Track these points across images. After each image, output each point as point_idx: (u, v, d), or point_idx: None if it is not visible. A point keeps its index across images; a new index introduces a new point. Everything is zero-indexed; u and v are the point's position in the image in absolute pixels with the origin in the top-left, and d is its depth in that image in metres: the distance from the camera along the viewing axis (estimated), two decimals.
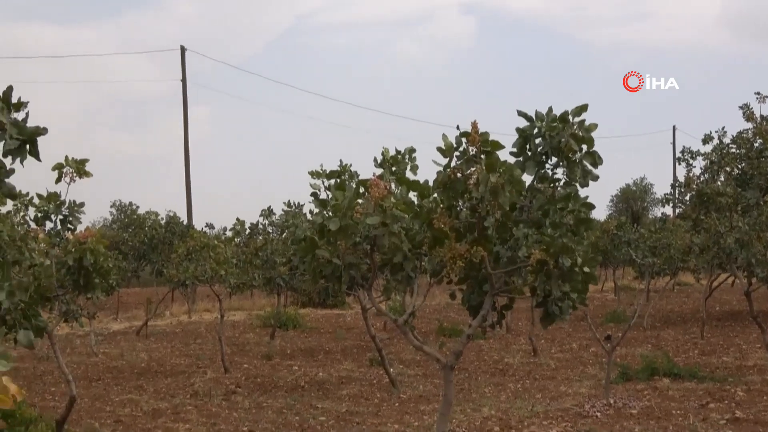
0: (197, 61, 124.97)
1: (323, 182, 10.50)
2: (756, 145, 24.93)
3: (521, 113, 7.10)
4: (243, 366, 17.44)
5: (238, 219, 21.03)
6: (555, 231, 7.04)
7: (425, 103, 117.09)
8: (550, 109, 7.10)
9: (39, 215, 11.45)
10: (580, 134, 6.97)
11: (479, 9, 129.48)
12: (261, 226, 23.13)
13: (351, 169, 10.80)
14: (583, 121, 7.03)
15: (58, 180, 10.13)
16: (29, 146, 5.31)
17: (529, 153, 7.11)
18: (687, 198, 25.38)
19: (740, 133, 25.51)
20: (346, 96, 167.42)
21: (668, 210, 36.33)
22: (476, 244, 7.00)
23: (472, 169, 6.67)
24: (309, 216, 16.89)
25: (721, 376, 14.07)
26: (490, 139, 6.69)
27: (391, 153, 10.90)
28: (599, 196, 60.97)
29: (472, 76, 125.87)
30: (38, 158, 5.45)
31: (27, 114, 5.33)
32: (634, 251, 24.39)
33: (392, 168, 10.39)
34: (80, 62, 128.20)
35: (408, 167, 10.68)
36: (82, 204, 11.44)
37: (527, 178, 7.07)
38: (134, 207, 33.85)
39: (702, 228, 22.13)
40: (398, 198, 7.65)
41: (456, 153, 6.78)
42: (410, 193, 8.12)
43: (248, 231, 22.44)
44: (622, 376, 14.18)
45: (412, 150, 10.94)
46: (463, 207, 7.07)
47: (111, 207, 35.42)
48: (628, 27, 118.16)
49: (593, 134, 7.06)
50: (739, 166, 24.74)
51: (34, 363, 17.77)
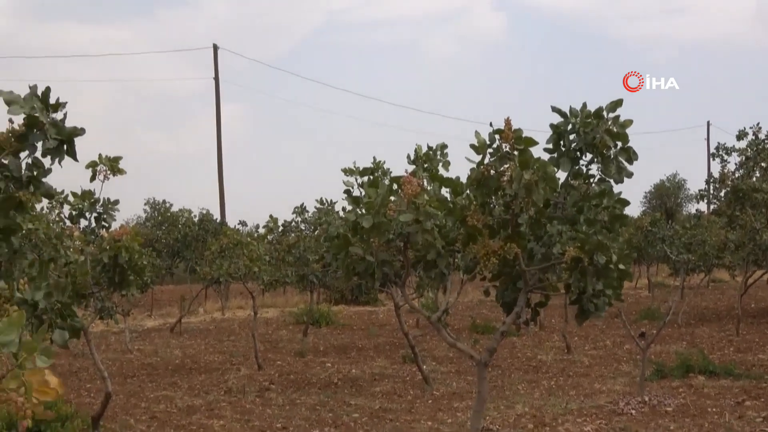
0: (230, 59, 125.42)
1: (356, 179, 10.46)
2: None
3: (555, 109, 7.06)
4: (276, 363, 17.50)
5: (271, 216, 21.09)
6: (589, 228, 7.00)
7: (457, 100, 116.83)
8: (584, 105, 7.05)
9: (74, 213, 11.55)
10: (615, 130, 6.92)
11: (511, 5, 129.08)
12: (294, 224, 23.19)
13: (384, 167, 10.77)
14: (618, 117, 6.97)
15: (93, 178, 10.19)
16: (67, 146, 5.36)
17: (563, 149, 7.06)
18: (722, 194, 25.22)
19: None
20: (378, 93, 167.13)
21: (703, 206, 36.11)
22: (510, 241, 6.97)
23: (506, 166, 6.64)
24: (341, 213, 16.92)
25: (758, 374, 13.95)
26: (524, 136, 6.66)
27: (423, 150, 10.88)
28: (632, 193, 60.53)
29: (505, 73, 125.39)
30: (75, 158, 5.50)
31: (65, 114, 5.38)
32: (669, 248, 24.20)
33: (424, 165, 10.35)
34: (114, 61, 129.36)
35: (440, 164, 10.65)
36: (117, 202, 11.52)
37: (561, 175, 7.04)
38: (168, 205, 33.94)
39: (737, 224, 22.00)
40: (431, 195, 7.63)
41: (489, 150, 6.76)
42: (443, 190, 8.10)
43: (281, 228, 22.51)
44: (657, 374, 14.11)
45: (444, 146, 10.90)
46: (497, 204, 7.05)
47: (145, 205, 35.56)
48: (662, 22, 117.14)
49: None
50: None
51: (70, 359, 17.94)
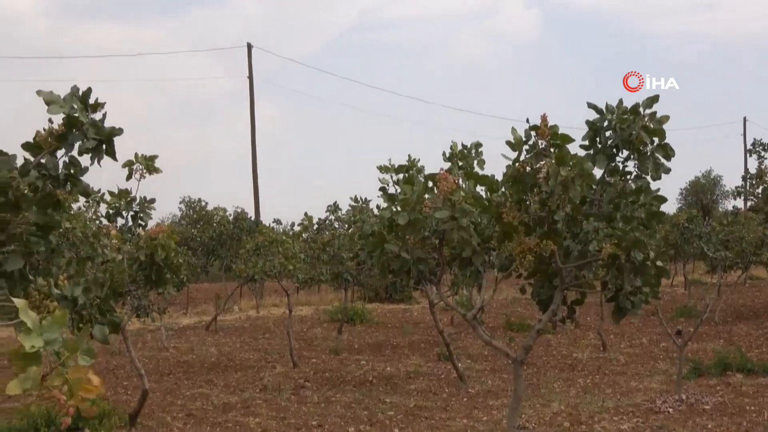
0: (262, 58, 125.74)
1: (392, 177, 10.49)
2: None
3: (591, 105, 7.03)
4: (311, 361, 17.55)
5: (306, 214, 21.14)
6: (626, 225, 6.97)
7: (491, 97, 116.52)
8: (621, 101, 7.02)
9: (111, 212, 11.65)
10: (652, 126, 6.88)
11: (544, 1, 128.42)
12: (328, 222, 23.23)
13: (418, 164, 10.78)
14: (655, 113, 6.94)
15: (129, 177, 10.27)
16: (106, 146, 5.42)
17: (600, 146, 7.04)
18: (759, 190, 24.95)
19: None
20: (411, 90, 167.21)
21: (739, 203, 35.73)
22: (546, 238, 6.95)
23: (542, 163, 6.63)
24: (376, 211, 16.92)
25: None
26: (560, 132, 6.64)
27: (459, 147, 10.88)
28: (667, 189, 60.04)
29: (538, 69, 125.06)
30: (115, 158, 5.55)
31: (104, 115, 5.43)
32: (706, 245, 24.00)
33: (459, 163, 10.35)
34: (148, 61, 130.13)
35: (475, 161, 10.65)
36: (153, 200, 11.61)
37: (597, 172, 7.02)
38: (203, 203, 34.17)
39: None
40: (466, 192, 7.63)
41: (525, 147, 6.74)
42: (478, 188, 8.09)
43: (316, 226, 22.55)
44: (694, 372, 13.99)
45: (479, 144, 10.90)
46: (533, 201, 7.03)
47: (180, 203, 35.81)
48: (695, 17, 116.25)
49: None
50: None
51: (107, 357, 18.08)
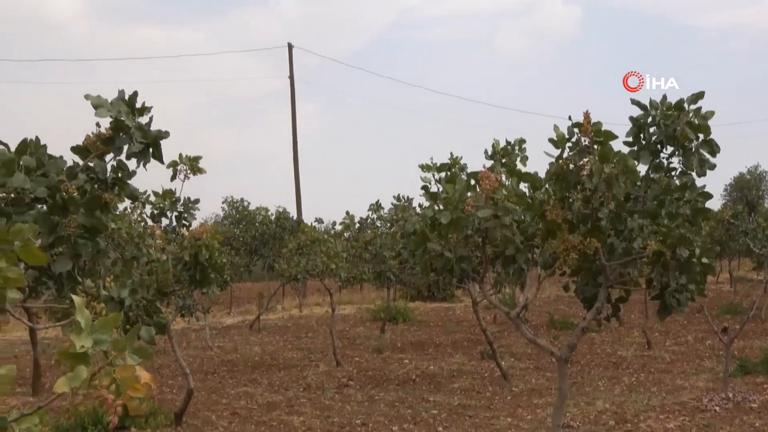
0: (302, 58, 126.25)
1: (434, 175, 10.47)
2: None
3: (635, 101, 6.99)
4: (354, 359, 17.58)
5: (348, 213, 21.17)
6: (671, 221, 6.91)
7: (532, 95, 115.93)
8: (665, 97, 6.97)
9: (155, 212, 11.77)
10: (696, 122, 6.82)
11: None
12: (370, 220, 23.24)
13: (461, 162, 10.75)
14: (699, 109, 6.88)
15: (173, 177, 10.37)
16: (152, 149, 5.47)
17: (644, 142, 7.00)
18: None
19: None
20: (451, 88, 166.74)
21: None
22: (590, 236, 6.92)
23: (585, 160, 6.60)
24: (418, 210, 16.91)
25: None
26: (603, 129, 6.60)
27: (501, 145, 10.85)
28: (712, 185, 59.30)
29: (579, 66, 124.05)
30: (161, 161, 5.61)
31: (151, 118, 5.49)
32: (752, 241, 23.72)
33: (502, 160, 10.32)
34: (189, 62, 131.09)
35: (518, 159, 10.60)
36: (197, 201, 11.71)
37: (641, 168, 6.97)
38: (245, 203, 34.36)
39: None
40: (509, 190, 7.60)
41: (568, 144, 6.71)
42: (521, 185, 8.06)
43: (357, 225, 22.57)
44: (741, 370, 13.84)
45: (522, 141, 10.85)
46: (576, 198, 7.00)
47: (222, 203, 36.03)
48: (739, 11, 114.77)
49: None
50: None
51: (152, 357, 18.23)
